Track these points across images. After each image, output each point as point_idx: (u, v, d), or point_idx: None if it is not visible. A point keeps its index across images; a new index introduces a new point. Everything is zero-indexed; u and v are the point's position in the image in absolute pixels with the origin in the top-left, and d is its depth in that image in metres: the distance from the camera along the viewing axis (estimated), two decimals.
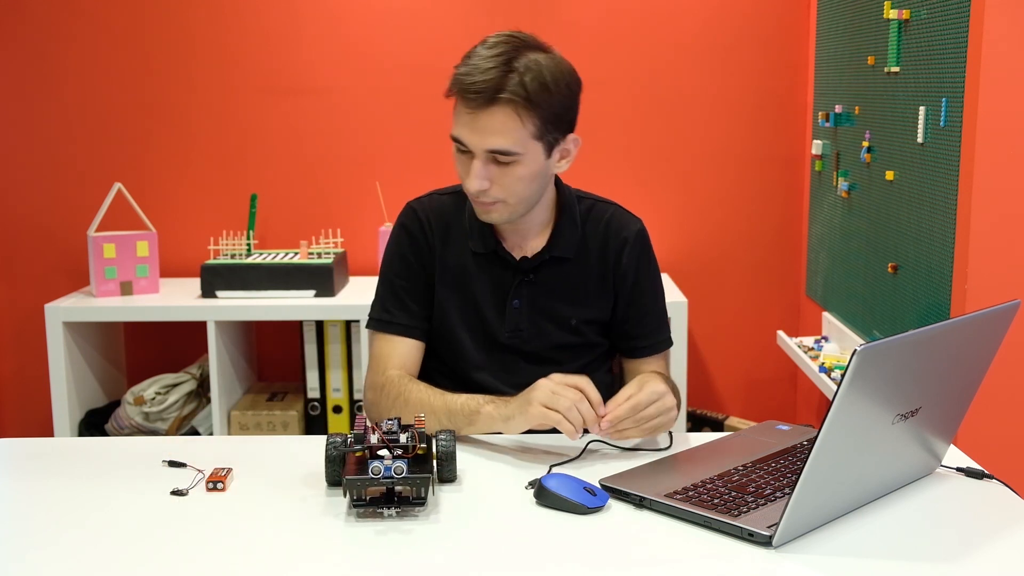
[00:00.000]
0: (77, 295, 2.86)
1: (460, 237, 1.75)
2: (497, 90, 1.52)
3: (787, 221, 3.13)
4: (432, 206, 1.77)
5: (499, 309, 1.73)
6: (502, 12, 2.98)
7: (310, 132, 3.06)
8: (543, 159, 1.61)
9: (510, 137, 1.55)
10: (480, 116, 1.54)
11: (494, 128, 1.54)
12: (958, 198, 1.95)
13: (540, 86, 1.54)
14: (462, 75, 1.55)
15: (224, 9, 3.00)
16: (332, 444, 1.38)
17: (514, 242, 1.74)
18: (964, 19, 1.91)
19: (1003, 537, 1.25)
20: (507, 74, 1.53)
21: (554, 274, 1.73)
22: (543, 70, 1.55)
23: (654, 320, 1.80)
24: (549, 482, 1.34)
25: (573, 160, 1.68)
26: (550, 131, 1.59)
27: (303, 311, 2.75)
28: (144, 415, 2.84)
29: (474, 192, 1.60)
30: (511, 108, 1.53)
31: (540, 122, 1.56)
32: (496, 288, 1.73)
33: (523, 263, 1.72)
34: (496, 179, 1.59)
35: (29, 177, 3.08)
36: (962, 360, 1.34)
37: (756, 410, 3.20)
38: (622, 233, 1.76)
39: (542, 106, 1.55)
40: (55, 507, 1.35)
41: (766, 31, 3.03)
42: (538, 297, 1.73)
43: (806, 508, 1.20)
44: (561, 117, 1.60)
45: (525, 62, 1.54)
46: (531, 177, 1.61)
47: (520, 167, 1.58)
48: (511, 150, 1.56)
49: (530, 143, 1.57)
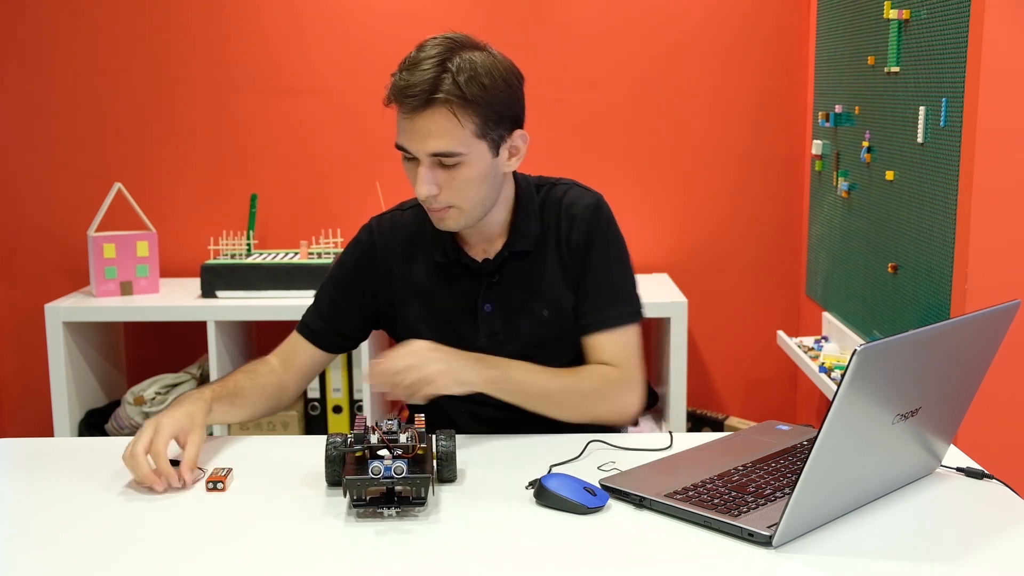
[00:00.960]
0: (77, 295, 2.86)
1: (425, 250, 1.73)
2: (431, 91, 1.50)
3: (787, 221, 3.13)
4: (393, 224, 1.77)
5: (471, 316, 1.70)
6: (502, 12, 2.98)
7: (310, 132, 3.06)
8: (489, 158, 1.58)
9: (449, 138, 1.53)
10: (417, 120, 1.52)
11: (432, 130, 1.52)
12: (958, 198, 1.95)
13: (475, 84, 1.52)
14: (397, 81, 1.54)
15: (224, 9, 3.00)
16: (332, 444, 1.38)
17: (478, 246, 1.71)
18: (964, 19, 1.91)
19: (1003, 537, 1.25)
20: (440, 75, 1.51)
21: (517, 271, 1.70)
22: (477, 67, 1.53)
23: (605, 293, 1.69)
24: (549, 482, 1.34)
25: (523, 157, 1.65)
26: (492, 128, 1.56)
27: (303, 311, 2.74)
28: (144, 415, 2.84)
29: (423, 198, 1.57)
30: (447, 108, 1.51)
31: (480, 120, 1.54)
32: (465, 296, 1.71)
33: (486, 265, 1.70)
34: (444, 183, 1.56)
35: (29, 177, 3.08)
36: (962, 360, 1.34)
37: (756, 410, 3.20)
38: (572, 210, 1.70)
39: (479, 103, 1.53)
40: (55, 507, 1.35)
41: (766, 31, 3.03)
42: (507, 297, 1.70)
43: (806, 508, 1.20)
44: (502, 114, 1.57)
45: (459, 62, 1.53)
46: (479, 178, 1.58)
47: (466, 168, 1.56)
48: (452, 151, 1.53)
49: (473, 142, 1.55)
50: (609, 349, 1.67)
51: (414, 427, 1.37)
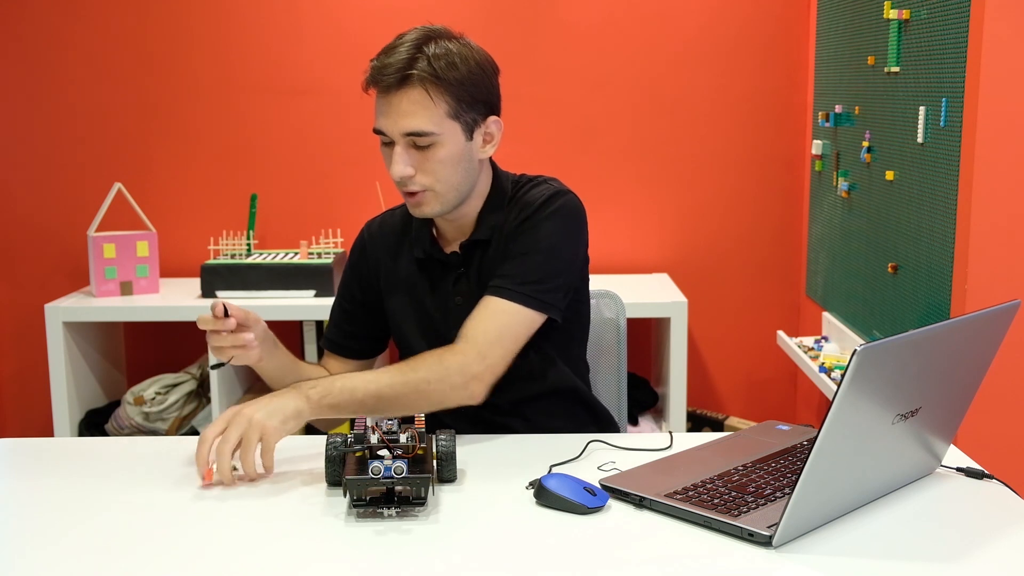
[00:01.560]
0: (77, 295, 2.86)
1: (409, 247, 1.76)
2: (405, 69, 1.56)
3: (787, 221, 3.13)
4: (382, 224, 1.81)
5: (444, 310, 1.71)
6: (502, 12, 2.98)
7: (310, 132, 3.06)
8: (463, 141, 1.61)
9: (422, 116, 1.56)
10: (392, 99, 1.57)
11: (406, 109, 1.56)
12: (958, 198, 1.95)
13: (448, 64, 1.57)
14: (374, 64, 1.60)
15: (224, 9, 3.00)
16: (332, 444, 1.38)
17: (453, 240, 1.73)
18: (964, 19, 1.91)
19: (1003, 537, 1.25)
20: (415, 55, 1.57)
21: (479, 261, 1.70)
22: (451, 51, 1.60)
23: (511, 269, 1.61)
24: (549, 482, 1.34)
25: (498, 144, 1.67)
26: (465, 111, 1.60)
27: (303, 311, 2.75)
28: (144, 415, 2.84)
29: (399, 178, 1.60)
30: (420, 87, 1.56)
31: (452, 100, 1.58)
32: (439, 290, 1.73)
33: (452, 257, 1.72)
34: (418, 165, 1.59)
35: (29, 177, 3.08)
36: (962, 360, 1.34)
37: (756, 410, 3.20)
38: (531, 201, 1.67)
39: (452, 83, 1.57)
40: (55, 507, 1.35)
41: (766, 31, 3.03)
42: (473, 288, 1.69)
43: (806, 508, 1.20)
44: (475, 96, 1.61)
45: (435, 48, 1.59)
46: (453, 160, 1.60)
47: (440, 149, 1.58)
48: (425, 130, 1.57)
49: (445, 122, 1.58)
50: (473, 321, 1.59)
51: (414, 427, 1.37)
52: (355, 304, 1.81)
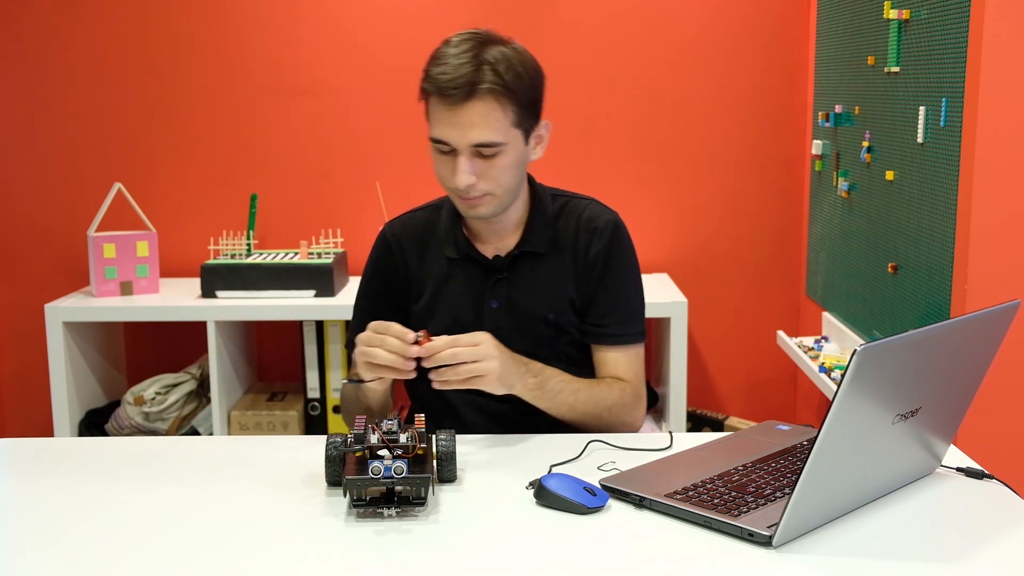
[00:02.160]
0: (77, 295, 2.86)
1: (436, 248, 1.77)
2: (475, 83, 1.55)
3: (787, 221, 3.13)
4: (404, 225, 1.81)
5: (478, 311, 1.74)
6: (502, 13, 2.98)
7: (310, 132, 3.06)
8: (523, 146, 1.65)
9: (492, 128, 1.58)
10: (460, 111, 1.56)
11: (476, 121, 1.57)
12: (958, 198, 1.95)
13: (514, 74, 1.58)
14: (437, 75, 1.58)
15: (224, 9, 3.00)
16: (332, 444, 1.38)
17: (489, 242, 1.75)
18: (964, 19, 1.91)
19: (1003, 537, 1.25)
20: (480, 67, 1.56)
21: (528, 271, 1.74)
22: (512, 59, 1.59)
23: (622, 310, 1.76)
24: (549, 482, 1.34)
25: (546, 146, 1.71)
26: (526, 118, 1.63)
27: (303, 311, 2.75)
28: (144, 415, 2.84)
29: (463, 188, 1.61)
30: (491, 98, 1.56)
31: (519, 109, 1.60)
32: (473, 290, 1.74)
33: (496, 262, 1.74)
34: (481, 173, 1.61)
35: (29, 177, 3.08)
36: (962, 360, 1.34)
37: (756, 410, 3.20)
38: (593, 224, 1.76)
39: (519, 93, 1.59)
40: (55, 507, 1.35)
41: (766, 31, 3.03)
42: (514, 295, 1.74)
43: (806, 508, 1.20)
44: (535, 103, 1.64)
45: (493, 54, 1.58)
46: (515, 166, 1.64)
47: (504, 156, 1.61)
48: (495, 140, 1.58)
49: (511, 131, 1.60)
50: (624, 365, 1.74)
51: (414, 427, 1.37)
52: (380, 304, 1.80)
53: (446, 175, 1.63)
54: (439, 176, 1.65)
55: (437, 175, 1.65)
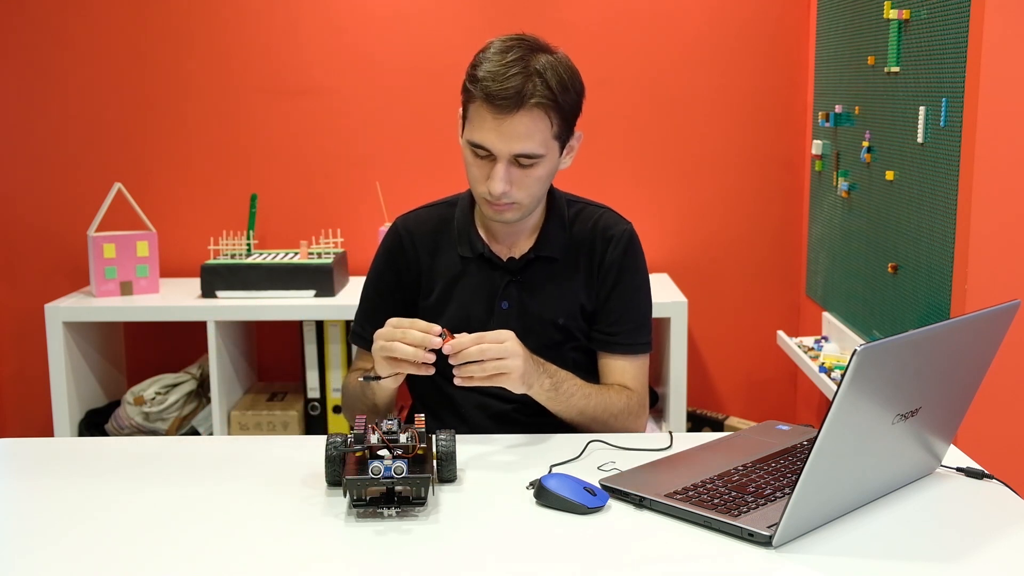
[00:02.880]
0: (77, 295, 2.86)
1: (449, 245, 1.77)
2: (525, 94, 1.54)
3: (787, 221, 3.13)
4: (418, 220, 1.80)
5: (488, 311, 1.74)
6: (502, 13, 2.99)
7: (310, 132, 3.06)
8: (558, 157, 1.65)
9: (536, 140, 1.57)
10: (506, 121, 1.55)
11: (522, 132, 1.56)
12: (958, 198, 1.95)
13: (562, 87, 1.57)
14: (486, 81, 1.55)
15: (224, 9, 3.00)
16: (332, 444, 1.38)
17: (504, 244, 1.75)
18: (964, 19, 1.91)
19: (1003, 537, 1.25)
20: (529, 77, 1.54)
21: (541, 274, 1.74)
22: (560, 70, 1.58)
23: (633, 319, 1.77)
24: (549, 482, 1.34)
25: (575, 155, 1.72)
26: (566, 130, 1.63)
27: (303, 311, 2.75)
28: (144, 415, 2.84)
29: (497, 195, 1.60)
30: (540, 111, 1.56)
31: (562, 122, 1.60)
32: (485, 290, 1.74)
33: (510, 264, 1.74)
34: (516, 181, 1.61)
35: (29, 177, 3.08)
36: (962, 360, 1.34)
37: (756, 410, 3.20)
38: (608, 232, 1.76)
39: (563, 107, 1.58)
40: (55, 507, 1.35)
41: (766, 31, 3.03)
42: (526, 298, 1.74)
43: (806, 508, 1.20)
44: (575, 116, 1.65)
45: (542, 64, 1.56)
46: (548, 176, 1.65)
47: (540, 168, 1.61)
48: (538, 152, 1.58)
49: (551, 144, 1.61)
50: (630, 373, 1.76)
51: (414, 427, 1.37)
52: (389, 298, 1.79)
53: (479, 178, 1.62)
54: (471, 177, 1.64)
55: (468, 176, 1.65)
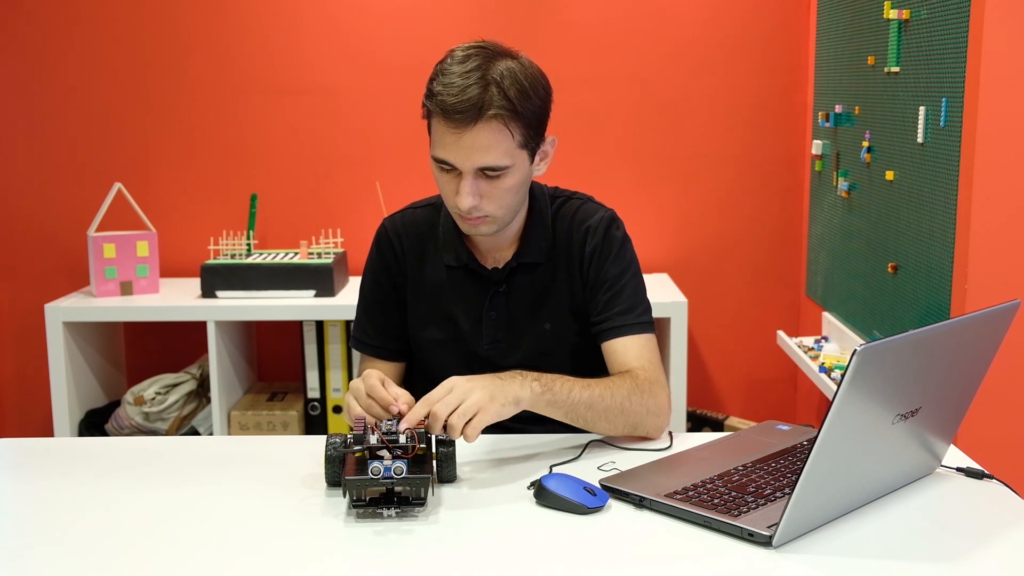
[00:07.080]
0: (77, 295, 2.86)
1: (435, 252, 1.74)
2: (482, 106, 1.49)
3: (787, 221, 3.13)
4: (405, 222, 1.77)
5: (476, 321, 1.71)
6: (502, 13, 2.98)
7: (310, 132, 3.06)
8: (528, 166, 1.60)
9: (498, 151, 1.52)
10: (465, 135, 1.51)
11: (482, 145, 1.51)
12: (958, 198, 1.95)
13: (521, 95, 1.52)
14: (441, 96, 1.51)
15: (224, 9, 3.00)
16: (332, 444, 1.38)
17: (489, 253, 1.72)
18: (964, 19, 1.91)
19: (1003, 537, 1.25)
20: (486, 87, 1.50)
21: (525, 282, 1.71)
22: (519, 77, 1.53)
23: (621, 303, 1.69)
24: (549, 482, 1.34)
25: (551, 161, 1.68)
26: (533, 138, 1.58)
27: (303, 311, 2.75)
28: (144, 415, 2.84)
29: (466, 209, 1.56)
30: (498, 122, 1.51)
31: (525, 131, 1.55)
32: (471, 301, 1.71)
33: (494, 274, 1.70)
34: (485, 193, 1.56)
35: (29, 177, 3.08)
36: (962, 360, 1.34)
37: (756, 410, 3.20)
38: (584, 224, 1.72)
39: (525, 115, 1.53)
40: (55, 507, 1.35)
41: (766, 31, 3.03)
42: (512, 307, 1.71)
43: (806, 508, 1.20)
44: (542, 122, 1.60)
45: (500, 71, 1.52)
46: (519, 186, 1.60)
47: (508, 178, 1.56)
48: (501, 164, 1.54)
49: (517, 153, 1.56)
50: (633, 351, 1.67)
51: (414, 427, 1.37)
52: (388, 302, 1.76)
53: (448, 194, 1.59)
54: (442, 193, 1.62)
55: (440, 191, 1.62)
